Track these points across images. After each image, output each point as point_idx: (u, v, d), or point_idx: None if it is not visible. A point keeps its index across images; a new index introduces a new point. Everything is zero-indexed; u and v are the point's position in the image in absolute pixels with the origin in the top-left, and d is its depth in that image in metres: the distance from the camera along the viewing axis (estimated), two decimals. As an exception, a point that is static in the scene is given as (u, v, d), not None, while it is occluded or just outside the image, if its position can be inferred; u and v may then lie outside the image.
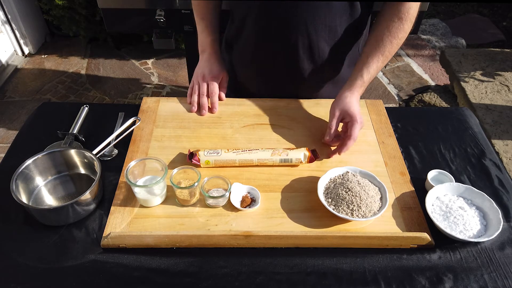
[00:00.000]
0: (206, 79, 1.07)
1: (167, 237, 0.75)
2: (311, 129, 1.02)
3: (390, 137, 1.00)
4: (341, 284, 0.71)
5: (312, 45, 0.99)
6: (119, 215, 0.80)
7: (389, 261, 0.75)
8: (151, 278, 0.71)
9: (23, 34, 2.79)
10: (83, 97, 2.54)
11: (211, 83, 1.06)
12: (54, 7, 2.57)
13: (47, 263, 0.73)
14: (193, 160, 0.89)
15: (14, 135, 1.19)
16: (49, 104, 1.15)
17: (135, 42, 2.97)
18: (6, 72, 2.70)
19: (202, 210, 0.82)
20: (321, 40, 0.99)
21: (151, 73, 2.75)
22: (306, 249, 0.77)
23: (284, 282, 0.71)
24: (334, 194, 0.82)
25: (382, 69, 2.77)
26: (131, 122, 0.98)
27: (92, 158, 0.84)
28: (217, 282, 0.71)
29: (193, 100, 1.07)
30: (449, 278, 0.72)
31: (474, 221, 0.79)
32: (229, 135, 1.00)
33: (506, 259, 0.75)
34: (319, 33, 0.97)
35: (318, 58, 1.03)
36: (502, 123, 2.02)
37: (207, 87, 1.07)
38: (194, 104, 1.06)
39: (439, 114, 1.11)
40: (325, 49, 1.01)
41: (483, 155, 0.97)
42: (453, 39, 2.99)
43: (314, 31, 0.97)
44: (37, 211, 0.78)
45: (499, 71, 2.37)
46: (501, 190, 0.88)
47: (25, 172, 0.81)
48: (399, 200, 0.85)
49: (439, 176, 0.89)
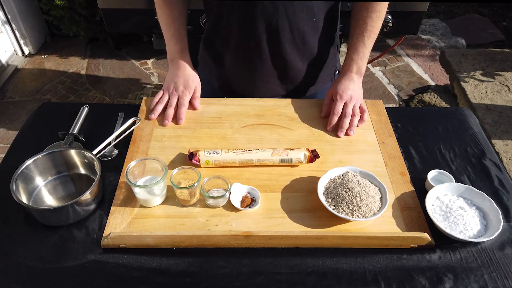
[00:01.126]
0: (178, 91, 1.04)
1: (167, 237, 0.75)
2: (311, 129, 1.02)
3: (390, 137, 1.00)
4: (341, 284, 0.71)
5: (292, 27, 1.00)
6: (119, 215, 0.80)
7: (389, 261, 0.75)
8: (151, 278, 0.71)
9: (23, 34, 2.79)
10: (83, 97, 2.54)
11: (182, 97, 1.04)
12: (54, 7, 2.58)
13: (47, 263, 0.73)
14: (193, 160, 0.89)
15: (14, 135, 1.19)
16: (49, 104, 1.15)
17: (135, 42, 2.97)
18: (6, 72, 2.70)
19: (202, 210, 0.82)
20: (301, 22, 1.00)
21: (151, 73, 2.75)
22: (306, 249, 0.77)
23: (284, 282, 0.71)
24: (334, 194, 0.82)
25: (382, 70, 2.77)
26: (131, 122, 0.98)
27: (92, 158, 0.84)
28: (217, 282, 0.71)
29: (156, 109, 1.03)
30: (449, 278, 0.72)
31: (474, 221, 0.79)
32: (229, 135, 1.00)
33: (506, 259, 0.75)
34: (297, 14, 0.98)
35: (299, 40, 1.03)
36: (502, 123, 2.02)
37: (177, 99, 1.04)
38: (155, 113, 1.02)
39: (439, 114, 1.11)
40: (306, 31, 1.02)
41: (483, 155, 0.97)
42: (453, 39, 2.99)
43: (293, 12, 0.97)
44: (37, 211, 0.78)
45: (499, 71, 2.37)
46: (501, 190, 0.88)
47: (25, 172, 0.81)
48: (399, 200, 0.85)
49: (439, 176, 0.89)
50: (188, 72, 1.07)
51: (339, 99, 1.01)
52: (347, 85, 1.03)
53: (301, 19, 0.99)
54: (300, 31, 1.02)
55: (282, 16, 0.97)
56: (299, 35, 1.02)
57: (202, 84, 1.08)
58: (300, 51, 1.06)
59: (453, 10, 3.43)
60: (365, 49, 1.02)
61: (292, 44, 1.03)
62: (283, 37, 1.01)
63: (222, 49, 1.10)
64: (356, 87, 1.04)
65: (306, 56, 1.08)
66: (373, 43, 1.03)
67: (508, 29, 3.19)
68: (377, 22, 1.00)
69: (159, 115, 1.04)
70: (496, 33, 3.13)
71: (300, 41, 1.04)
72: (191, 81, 1.06)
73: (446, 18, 3.31)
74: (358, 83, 1.05)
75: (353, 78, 1.04)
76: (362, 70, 1.04)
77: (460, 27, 3.16)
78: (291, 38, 1.02)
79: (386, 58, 2.87)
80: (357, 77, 1.05)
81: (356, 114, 1.01)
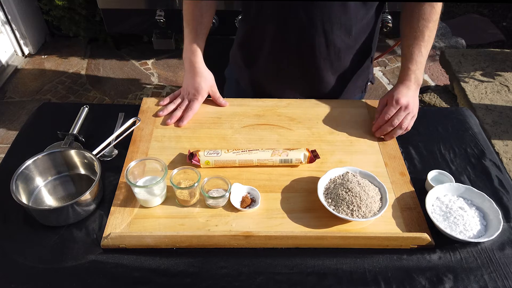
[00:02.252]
0: (190, 95, 1.05)
1: (167, 237, 0.75)
2: (311, 129, 1.02)
3: (390, 138, 1.00)
4: (341, 284, 0.71)
5: (328, 44, 0.99)
6: (119, 215, 0.80)
7: (389, 262, 0.75)
8: (151, 279, 0.71)
9: (23, 35, 2.79)
10: (83, 98, 2.54)
11: (193, 101, 1.04)
12: (54, 8, 2.58)
13: (47, 263, 0.73)
14: (193, 160, 0.89)
15: (14, 136, 1.19)
16: (49, 105, 1.15)
17: (135, 42, 2.97)
18: (6, 72, 2.70)
19: (202, 211, 0.82)
20: (337, 38, 0.99)
21: (151, 74, 2.75)
22: (306, 249, 0.77)
23: (284, 283, 0.71)
24: (334, 194, 0.82)
25: (382, 70, 2.77)
26: (131, 122, 0.98)
27: (92, 158, 0.84)
28: (217, 282, 0.71)
29: (168, 108, 1.05)
30: (449, 279, 0.72)
31: (474, 221, 0.79)
32: (229, 135, 1.00)
33: (506, 260, 0.75)
34: (334, 31, 0.97)
35: (334, 57, 1.02)
36: (502, 123, 2.02)
37: (188, 103, 1.05)
38: (165, 111, 1.05)
39: (439, 114, 1.11)
40: (342, 48, 1.01)
41: (483, 155, 0.97)
42: (453, 39, 2.99)
43: (330, 29, 0.96)
44: (37, 212, 0.78)
45: (499, 71, 2.37)
46: (501, 191, 0.88)
47: (25, 173, 0.81)
48: (399, 200, 0.85)
49: (439, 177, 0.89)
50: (199, 74, 1.05)
51: (395, 103, 0.96)
52: (405, 92, 0.97)
53: (337, 36, 0.98)
54: (337, 48, 1.01)
55: (320, 32, 0.96)
56: (335, 52, 1.01)
57: (229, 83, 1.08)
58: (333, 67, 1.05)
59: (453, 10, 3.43)
60: (422, 59, 0.98)
61: (327, 60, 1.03)
62: (318, 53, 1.01)
63: (255, 53, 1.09)
64: (415, 99, 0.99)
65: (339, 71, 1.07)
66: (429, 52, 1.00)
67: (508, 29, 3.19)
68: (434, 32, 0.97)
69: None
70: (496, 33, 3.13)
71: (335, 58, 1.03)
72: (204, 83, 1.05)
73: (446, 18, 3.31)
74: (416, 94, 1.00)
75: (411, 88, 0.99)
76: (420, 80, 1.00)
77: (460, 27, 3.16)
78: (326, 55, 1.01)
79: (386, 58, 2.87)
80: (415, 87, 1.00)
81: (403, 127, 0.96)
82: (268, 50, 1.05)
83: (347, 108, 1.08)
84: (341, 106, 1.09)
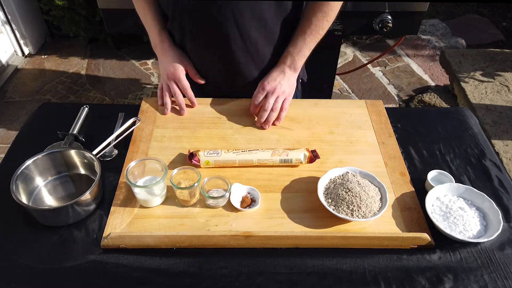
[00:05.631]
0: (171, 76, 1.04)
1: (167, 237, 0.75)
2: (311, 129, 1.02)
3: (390, 138, 1.00)
4: (341, 284, 0.71)
5: (242, 35, 0.97)
6: (119, 215, 0.80)
7: (389, 262, 0.75)
8: (151, 279, 0.71)
9: (23, 35, 2.79)
10: (83, 98, 2.54)
11: (179, 80, 1.03)
12: (54, 8, 2.57)
13: (47, 263, 0.73)
14: (193, 160, 0.89)
15: (14, 136, 1.19)
16: (49, 105, 1.15)
17: (135, 42, 2.96)
18: (6, 72, 2.70)
19: (202, 211, 0.82)
20: (252, 30, 0.97)
21: (151, 74, 2.75)
22: (306, 249, 0.77)
23: (284, 283, 0.71)
24: (334, 194, 0.82)
25: (382, 70, 2.77)
26: (131, 122, 0.98)
27: (92, 158, 0.84)
28: (217, 282, 0.71)
29: (166, 102, 1.05)
30: (449, 279, 0.72)
31: (474, 221, 0.79)
32: (229, 135, 1.00)
33: (506, 260, 0.75)
34: (247, 22, 0.95)
35: (252, 49, 1.01)
36: (502, 124, 2.02)
37: (177, 85, 1.04)
38: (167, 107, 1.05)
39: (439, 114, 1.11)
40: (258, 40, 1.00)
41: (483, 155, 0.97)
42: (453, 39, 2.99)
43: (242, 20, 0.95)
44: (37, 212, 0.78)
45: (499, 72, 2.37)
46: (501, 191, 0.88)
47: (25, 173, 0.81)
48: (399, 200, 0.85)
49: (439, 177, 0.89)
50: (172, 53, 1.04)
51: (261, 90, 1.00)
52: (275, 76, 1.00)
53: (252, 28, 0.97)
54: (253, 40, 0.99)
55: (231, 23, 0.95)
56: (251, 44, 1.00)
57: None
58: (255, 61, 1.04)
59: (453, 10, 3.43)
60: (304, 45, 0.99)
61: (246, 52, 1.01)
62: (234, 45, 0.99)
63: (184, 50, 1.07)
64: (285, 81, 1.00)
65: (262, 66, 1.06)
66: (315, 43, 1.00)
67: (508, 29, 3.19)
68: (322, 21, 0.97)
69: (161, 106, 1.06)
70: (496, 33, 3.13)
71: (254, 50, 1.01)
72: (180, 61, 1.04)
73: (446, 18, 3.31)
74: (290, 77, 1.01)
75: (285, 71, 1.00)
76: (297, 65, 1.01)
77: (460, 27, 3.16)
78: (243, 47, 1.00)
79: (386, 58, 2.87)
80: (290, 71, 1.01)
81: (275, 109, 0.99)
82: (189, 46, 1.04)
83: (347, 108, 1.08)
84: (341, 106, 1.09)
